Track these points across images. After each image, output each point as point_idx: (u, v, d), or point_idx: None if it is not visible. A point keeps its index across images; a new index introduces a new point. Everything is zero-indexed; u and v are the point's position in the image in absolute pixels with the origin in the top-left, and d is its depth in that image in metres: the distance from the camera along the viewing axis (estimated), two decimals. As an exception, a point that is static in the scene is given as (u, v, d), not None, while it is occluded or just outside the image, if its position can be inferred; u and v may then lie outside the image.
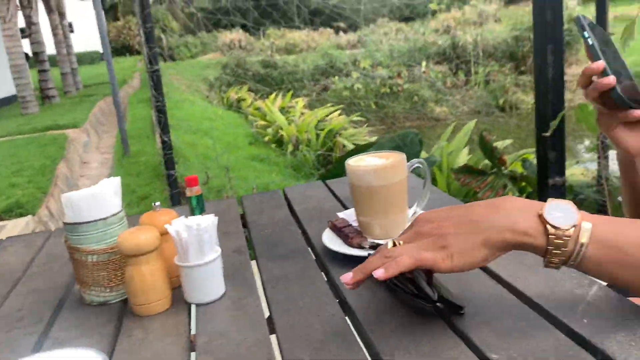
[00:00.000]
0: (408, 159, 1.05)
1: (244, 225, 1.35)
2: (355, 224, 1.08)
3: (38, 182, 5.97)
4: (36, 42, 14.13)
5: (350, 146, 7.39)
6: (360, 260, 0.86)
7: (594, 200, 3.33)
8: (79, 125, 10.09)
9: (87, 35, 36.80)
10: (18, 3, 13.41)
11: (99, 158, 9.19)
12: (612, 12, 3.11)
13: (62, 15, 18.09)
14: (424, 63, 16.69)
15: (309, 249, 1.11)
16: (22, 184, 5.82)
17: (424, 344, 0.68)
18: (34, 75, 14.55)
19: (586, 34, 0.85)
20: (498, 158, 3.27)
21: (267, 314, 0.85)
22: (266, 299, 0.90)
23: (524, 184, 3.36)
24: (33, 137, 8.68)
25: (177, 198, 3.72)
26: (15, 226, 4.78)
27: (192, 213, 1.26)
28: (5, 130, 9.83)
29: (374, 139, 8.21)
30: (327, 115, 9.55)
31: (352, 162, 1.06)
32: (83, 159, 8.94)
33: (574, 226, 0.63)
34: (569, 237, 0.63)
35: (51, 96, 14.73)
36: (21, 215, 5.10)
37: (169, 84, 11.26)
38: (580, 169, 3.88)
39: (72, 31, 22.76)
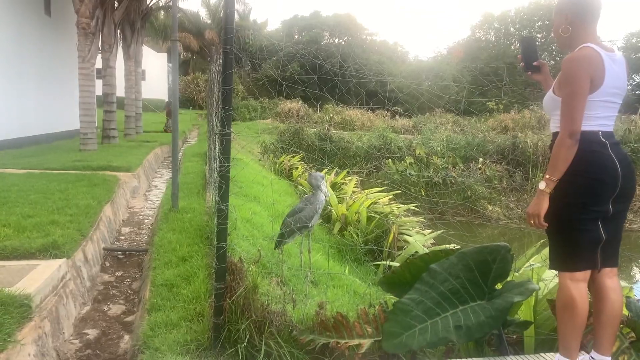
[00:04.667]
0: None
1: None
2: None
3: (80, 222, 5.78)
4: (108, 85, 14.79)
5: (413, 241, 6.95)
6: None
7: None
8: (132, 169, 10.14)
9: (156, 84, 39.13)
10: (100, 46, 14.18)
11: (145, 206, 9.08)
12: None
13: (137, 63, 19.06)
14: (480, 159, 16.39)
15: None
16: (63, 222, 5.64)
17: None
18: (99, 114, 15.13)
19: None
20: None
21: None
22: None
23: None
24: (85, 175, 8.67)
25: (222, 273, 3.36)
26: (47, 268, 4.52)
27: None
28: (60, 163, 9.96)
29: (429, 234, 7.83)
30: (380, 199, 9.23)
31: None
32: (129, 204, 8.85)
33: None
34: None
35: (112, 136, 15.14)
36: (56, 256, 4.86)
37: (224, 142, 11.47)
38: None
39: (143, 79, 24.12)
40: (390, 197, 9.83)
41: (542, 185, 2.60)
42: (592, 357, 2.61)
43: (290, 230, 4.58)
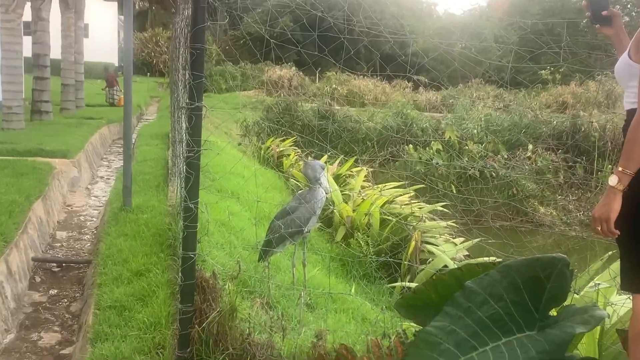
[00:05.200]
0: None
1: None
2: None
3: (1, 224, 5.78)
4: (39, 43, 14.65)
5: (440, 252, 6.98)
6: None
7: None
8: (70, 155, 10.13)
9: (103, 43, 38.87)
10: (30, -8, 14.06)
11: (88, 203, 9.08)
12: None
13: (78, 14, 18.90)
14: (530, 146, 16.40)
15: None
16: (-20, 224, 5.65)
17: None
18: (28, 82, 15.03)
19: None
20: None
21: None
22: None
23: None
24: (9, 161, 8.65)
25: (189, 292, 3.33)
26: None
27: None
28: (-23, 145, 9.95)
29: (461, 243, 7.85)
30: (397, 196, 9.24)
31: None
32: (67, 201, 8.85)
33: None
34: None
35: (44, 111, 15.07)
36: (-31, 269, 4.86)
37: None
38: None
39: (86, 36, 24.00)
40: (411, 194, 9.84)
41: (612, 180, 2.59)
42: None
43: (279, 236, 4.58)
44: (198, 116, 3.44)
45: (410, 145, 17.30)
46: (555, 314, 2.93)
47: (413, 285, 6.01)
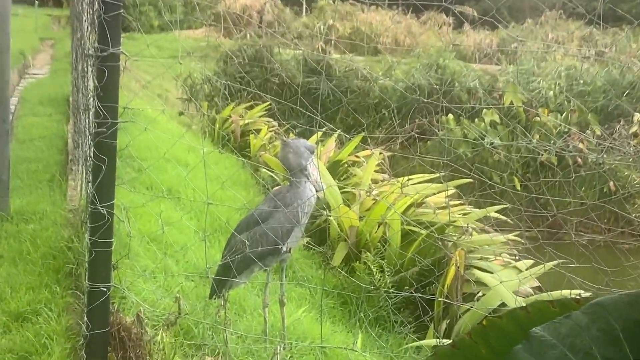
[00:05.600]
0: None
1: None
2: None
3: None
4: None
5: (495, 281, 7.00)
6: None
7: None
8: None
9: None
10: None
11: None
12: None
13: None
14: (637, 115, 16.38)
15: None
16: None
17: None
18: None
19: None
20: None
21: None
22: None
23: None
24: None
25: (100, 345, 3.30)
26: None
27: None
28: None
29: (528, 267, 7.85)
30: (429, 196, 9.25)
31: None
32: None
33: None
34: None
35: None
36: None
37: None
38: None
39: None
40: (450, 192, 9.84)
41: None
42: None
43: (243, 259, 4.58)
44: (113, 69, 3.43)
45: (450, 116, 17.28)
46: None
47: (451, 335, 6.04)
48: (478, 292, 7.38)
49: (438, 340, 6.45)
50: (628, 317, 2.95)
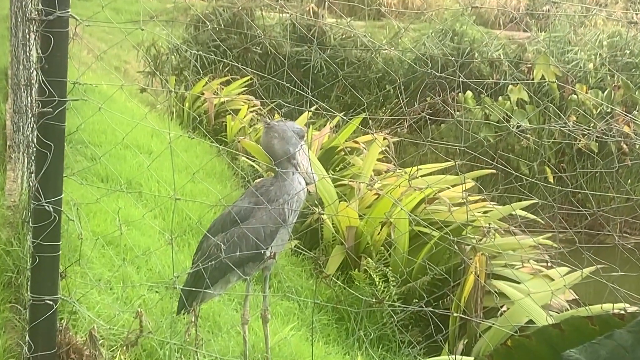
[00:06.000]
0: None
1: None
2: None
3: None
4: None
5: (521, 294, 7.06)
6: None
7: None
8: None
9: None
10: None
11: None
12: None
13: None
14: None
15: None
16: None
17: None
18: None
19: None
20: None
21: None
22: None
23: None
24: None
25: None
26: None
27: None
28: None
29: (563, 277, 7.86)
30: (443, 190, 9.28)
31: None
32: None
33: None
34: None
35: None
36: None
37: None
38: None
39: None
40: (468, 185, 9.86)
41: None
42: None
43: (218, 266, 4.59)
44: (61, 36, 3.43)
45: (468, 93, 17.30)
46: None
47: (469, 359, 6.09)
48: (502, 306, 7.41)
49: (454, 358, 6.48)
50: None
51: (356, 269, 8.16)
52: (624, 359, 2.71)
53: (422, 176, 9.89)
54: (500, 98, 17.35)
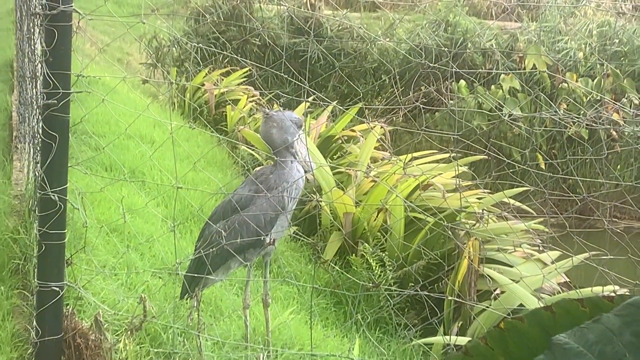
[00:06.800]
0: None
1: None
2: None
3: None
4: None
5: (513, 277, 7.06)
6: None
7: None
8: None
9: None
10: None
11: None
12: None
13: None
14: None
15: None
16: None
17: None
18: None
19: None
20: None
21: None
22: None
23: None
24: None
25: (52, 355, 3.31)
26: None
27: None
28: None
29: (554, 261, 7.87)
30: (436, 176, 9.28)
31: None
32: None
33: None
34: None
35: None
36: None
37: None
38: None
39: None
40: (461, 172, 9.85)
41: None
42: None
43: (219, 253, 4.59)
44: (64, 30, 3.42)
45: (462, 82, 17.27)
46: None
47: (464, 339, 6.08)
48: (495, 290, 7.41)
49: (449, 338, 6.48)
50: (669, 319, 2.97)
51: (353, 254, 8.16)
52: (612, 342, 2.71)
53: (417, 164, 9.90)
54: (492, 87, 17.34)
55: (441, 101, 16.26)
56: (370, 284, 7.46)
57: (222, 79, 15.24)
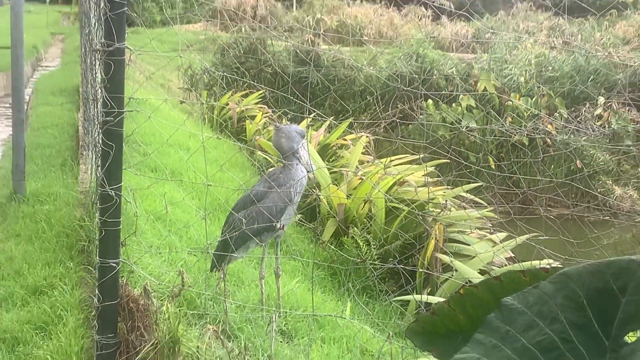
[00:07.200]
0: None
1: None
2: None
3: None
4: None
5: (471, 254, 7.02)
6: None
7: None
8: None
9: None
10: None
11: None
12: None
13: None
14: (600, 100, 16.39)
15: None
16: None
17: None
18: None
19: None
20: None
21: None
22: None
23: None
24: None
25: (111, 317, 3.32)
26: None
27: None
28: None
29: (502, 241, 7.87)
30: (410, 174, 9.26)
31: None
32: None
33: None
34: None
35: None
36: None
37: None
38: None
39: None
40: (429, 171, 9.84)
41: None
42: None
43: (240, 236, 4.59)
44: (119, 63, 3.41)
45: (430, 101, 17.25)
46: (633, 339, 2.97)
47: (433, 301, 6.05)
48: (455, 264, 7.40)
49: (420, 297, 6.48)
50: (591, 286, 2.96)
51: (345, 236, 8.14)
52: (547, 304, 2.70)
53: (394, 165, 9.91)
54: (453, 105, 17.33)
55: (413, 116, 16.26)
56: (359, 260, 7.46)
57: (242, 100, 15.24)
